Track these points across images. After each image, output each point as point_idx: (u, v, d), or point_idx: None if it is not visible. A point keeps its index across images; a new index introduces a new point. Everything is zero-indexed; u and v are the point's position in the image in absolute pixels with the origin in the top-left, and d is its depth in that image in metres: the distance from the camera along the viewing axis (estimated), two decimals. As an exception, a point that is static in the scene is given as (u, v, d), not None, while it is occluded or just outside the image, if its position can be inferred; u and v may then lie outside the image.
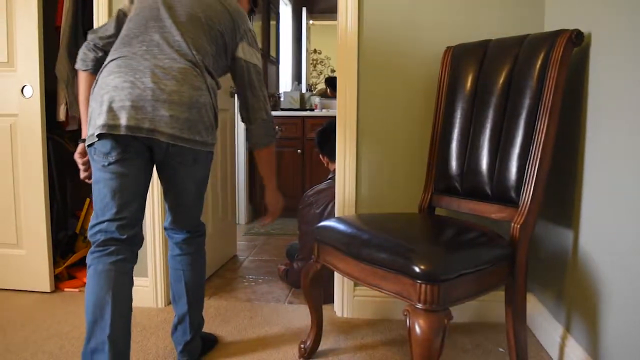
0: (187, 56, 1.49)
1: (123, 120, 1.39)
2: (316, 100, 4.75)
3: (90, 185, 1.52)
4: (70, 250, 2.75)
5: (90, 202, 2.66)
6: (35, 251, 2.44)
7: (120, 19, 1.62)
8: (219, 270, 2.90)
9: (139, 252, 1.57)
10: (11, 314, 2.21)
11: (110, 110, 1.40)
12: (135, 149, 1.45)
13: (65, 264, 2.58)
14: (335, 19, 2.16)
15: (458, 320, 2.09)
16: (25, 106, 2.36)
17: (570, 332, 1.71)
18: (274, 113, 2.72)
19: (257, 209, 4.36)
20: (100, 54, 1.60)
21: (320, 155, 2.70)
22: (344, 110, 2.13)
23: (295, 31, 5.13)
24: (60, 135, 2.78)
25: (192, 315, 1.72)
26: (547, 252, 1.94)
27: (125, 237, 1.47)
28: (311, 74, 5.24)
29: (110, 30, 1.61)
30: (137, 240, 1.54)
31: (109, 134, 1.40)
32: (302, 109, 4.65)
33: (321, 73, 5.33)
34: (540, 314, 1.95)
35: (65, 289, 2.50)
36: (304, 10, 5.02)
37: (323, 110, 4.55)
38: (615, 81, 1.45)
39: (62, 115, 2.56)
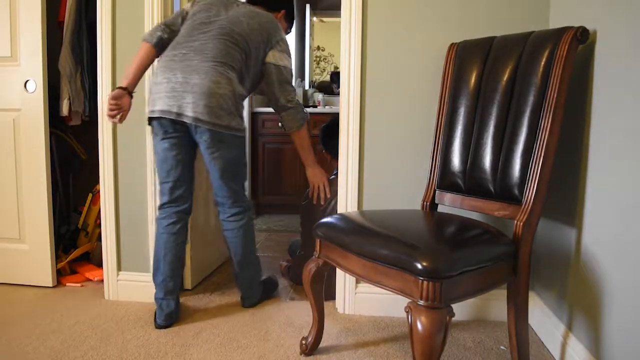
0: (214, 59, 1.91)
1: (158, 107, 1.91)
2: (319, 97, 4.74)
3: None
4: (73, 245, 2.75)
5: (92, 198, 2.67)
6: (37, 246, 2.44)
7: (184, 17, 2.07)
8: (221, 266, 2.89)
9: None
10: (13, 308, 2.22)
11: (153, 100, 1.93)
12: (176, 130, 1.94)
13: (68, 259, 2.59)
14: (339, 15, 2.15)
15: (460, 317, 2.10)
16: (28, 101, 2.37)
17: (572, 330, 1.71)
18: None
19: (259, 206, 4.36)
20: (165, 35, 2.01)
21: (323, 152, 2.70)
22: (347, 107, 2.12)
23: (299, 28, 5.12)
24: (63, 130, 2.78)
25: (241, 276, 2.20)
26: (549, 250, 1.93)
27: (174, 197, 2.02)
28: (314, 70, 5.23)
29: (177, 25, 2.05)
30: (184, 204, 2.05)
31: (153, 117, 1.94)
32: (305, 105, 4.65)
33: (324, 70, 5.32)
34: (543, 312, 1.95)
35: (67, 284, 2.51)
36: (308, 7, 5.01)
37: (326, 107, 4.54)
38: (620, 79, 1.44)
39: (65, 110, 2.56)
